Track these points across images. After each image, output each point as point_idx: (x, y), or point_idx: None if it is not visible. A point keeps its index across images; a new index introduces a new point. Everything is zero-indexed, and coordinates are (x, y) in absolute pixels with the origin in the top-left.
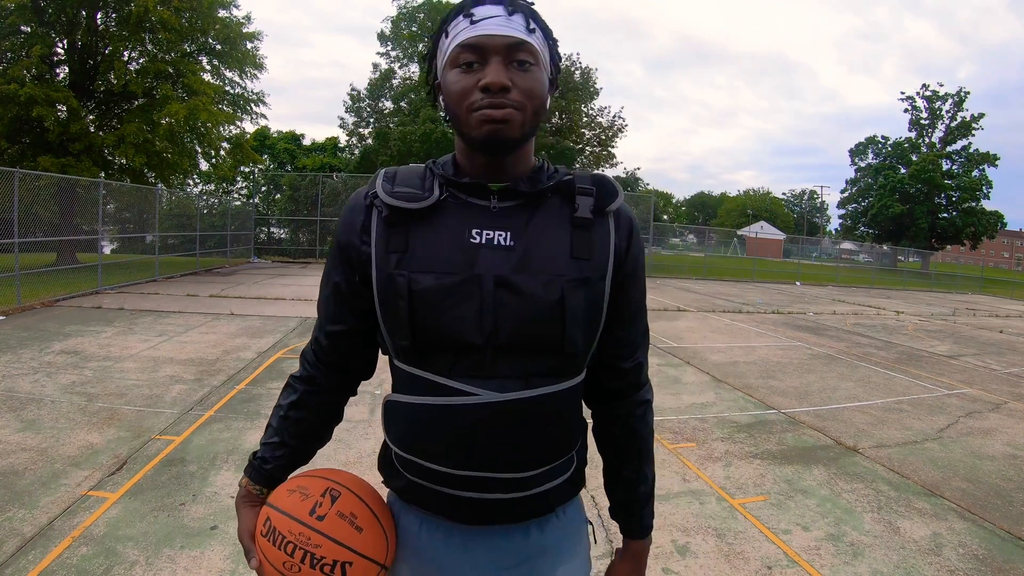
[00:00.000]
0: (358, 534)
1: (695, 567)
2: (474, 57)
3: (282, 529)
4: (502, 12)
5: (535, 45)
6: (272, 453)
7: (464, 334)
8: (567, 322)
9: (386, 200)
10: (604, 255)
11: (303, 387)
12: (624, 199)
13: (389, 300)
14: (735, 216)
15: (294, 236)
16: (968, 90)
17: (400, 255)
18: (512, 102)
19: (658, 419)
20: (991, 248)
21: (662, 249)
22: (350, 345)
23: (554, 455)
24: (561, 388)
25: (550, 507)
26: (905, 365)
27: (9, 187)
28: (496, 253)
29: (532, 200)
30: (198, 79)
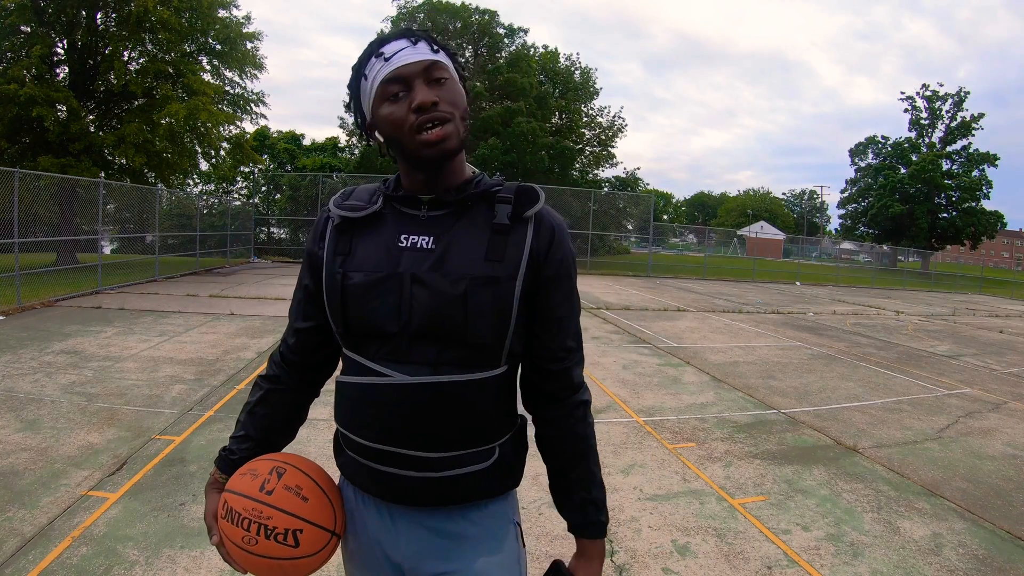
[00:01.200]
0: (304, 503)
1: (695, 567)
2: (399, 88)
3: (238, 508)
4: (407, 44)
5: (444, 62)
6: (238, 446)
7: (383, 323)
8: (469, 315)
9: (335, 211)
10: (517, 257)
11: (268, 385)
12: (544, 206)
13: (330, 294)
14: (735, 216)
15: (294, 236)
16: (968, 90)
17: (344, 257)
18: (443, 113)
19: (658, 419)
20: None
21: (662, 249)
22: (316, 341)
23: (463, 442)
24: (470, 378)
25: (467, 496)
26: (905, 365)
27: (9, 187)
28: (417, 254)
29: (458, 209)
30: (198, 79)
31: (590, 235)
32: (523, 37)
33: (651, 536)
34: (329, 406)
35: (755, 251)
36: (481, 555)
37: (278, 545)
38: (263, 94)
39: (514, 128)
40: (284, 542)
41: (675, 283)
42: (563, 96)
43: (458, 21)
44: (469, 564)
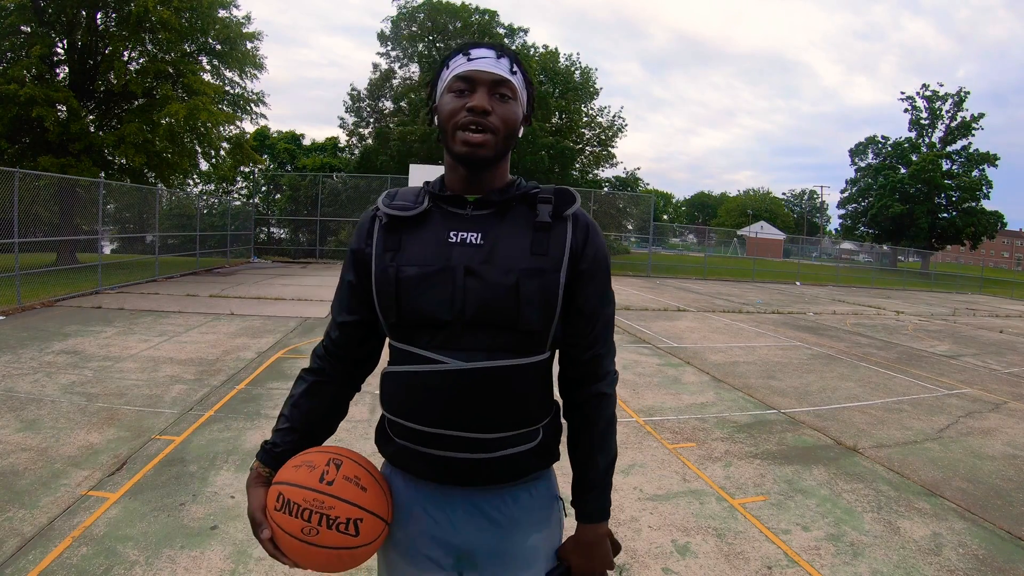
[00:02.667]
0: (364, 493)
1: (695, 567)
2: (465, 86)
3: (296, 499)
4: (492, 55)
5: (515, 84)
6: (283, 438)
7: (437, 313)
8: (521, 303)
9: (385, 211)
10: (559, 251)
11: (313, 378)
12: (580, 206)
13: (382, 287)
14: (735, 216)
15: (294, 236)
16: (968, 90)
17: (394, 253)
18: (489, 124)
19: (658, 419)
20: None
21: (662, 249)
22: (360, 335)
23: (513, 423)
24: (519, 363)
25: (517, 475)
26: (905, 365)
27: (9, 187)
28: (467, 249)
29: (501, 208)
30: (198, 79)
31: None
32: (523, 37)
33: (651, 536)
34: None
35: (755, 251)
36: (532, 533)
37: (339, 535)
38: (263, 94)
39: None
40: (345, 531)
41: (675, 283)
42: (563, 96)
43: (458, 21)
44: (522, 543)
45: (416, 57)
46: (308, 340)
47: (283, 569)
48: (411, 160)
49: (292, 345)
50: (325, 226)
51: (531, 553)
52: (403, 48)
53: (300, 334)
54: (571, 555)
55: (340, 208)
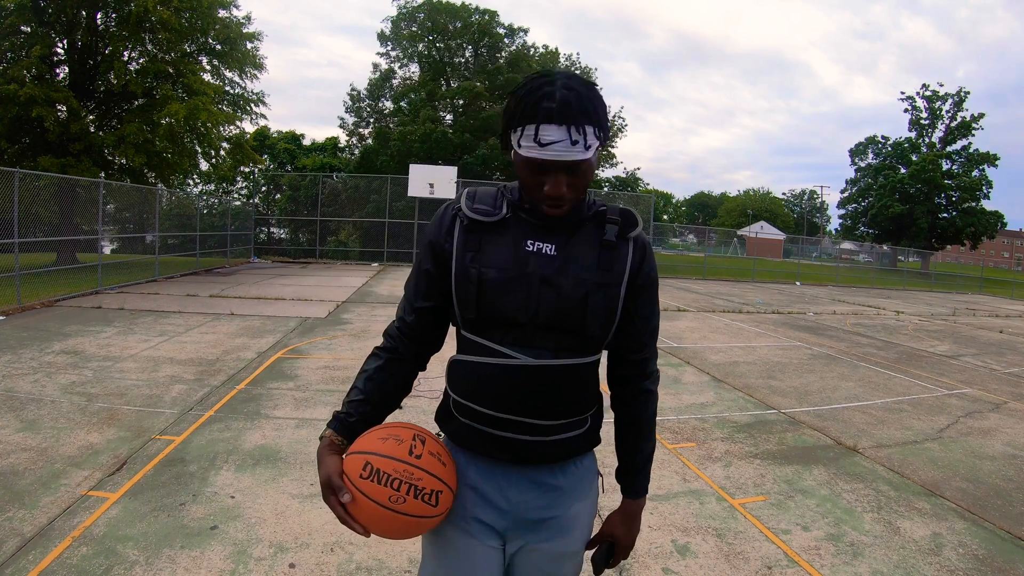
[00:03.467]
0: (444, 468)
1: (695, 567)
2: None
3: (387, 469)
4: (565, 137)
5: (590, 158)
6: (357, 409)
7: (514, 314)
8: (588, 313)
9: (468, 214)
10: (622, 269)
11: (387, 355)
12: (642, 229)
13: (463, 284)
14: (735, 216)
15: (294, 236)
16: (968, 90)
17: (474, 254)
18: (567, 199)
19: (658, 419)
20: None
21: (662, 249)
22: (432, 320)
23: (570, 412)
24: (579, 362)
25: (567, 456)
26: (905, 365)
27: (9, 187)
28: (543, 259)
29: (574, 224)
30: (198, 79)
31: None
32: (523, 37)
33: (651, 536)
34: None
35: (755, 251)
36: (576, 502)
37: (423, 504)
38: (263, 94)
39: None
40: (428, 501)
41: (675, 283)
42: None
43: (458, 21)
44: (567, 510)
45: (416, 57)
46: (308, 340)
47: (283, 569)
48: (411, 160)
49: (292, 345)
50: (325, 226)
51: (574, 520)
52: (403, 48)
53: (300, 334)
54: (616, 527)
55: (340, 208)
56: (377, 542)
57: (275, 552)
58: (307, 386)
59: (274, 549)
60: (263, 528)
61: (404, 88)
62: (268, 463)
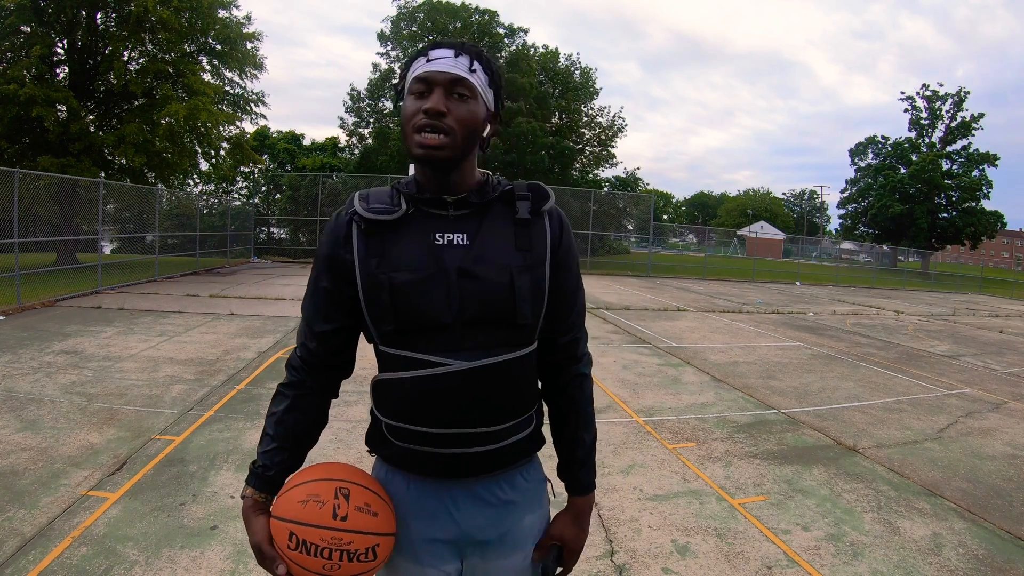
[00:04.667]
0: (375, 519)
1: (695, 567)
2: (423, 87)
3: (313, 540)
4: (450, 54)
5: (474, 83)
6: (272, 460)
7: (437, 316)
8: (517, 299)
9: (364, 215)
10: (542, 246)
11: (294, 392)
12: (555, 201)
13: (373, 295)
14: (735, 216)
15: (294, 236)
16: (968, 90)
17: (379, 259)
18: (445, 126)
19: (658, 419)
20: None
21: (662, 249)
22: (339, 342)
23: (517, 411)
24: (517, 355)
25: (515, 461)
26: (905, 365)
27: (9, 187)
28: (456, 251)
29: (481, 208)
30: (198, 79)
31: (590, 235)
32: (523, 37)
33: (651, 536)
34: None
35: (755, 251)
36: (527, 514)
37: (359, 563)
38: (263, 94)
39: (514, 128)
40: (365, 559)
41: (675, 283)
42: (563, 96)
43: (458, 21)
44: (519, 522)
45: None
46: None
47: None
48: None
49: (292, 345)
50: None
51: (527, 533)
52: (403, 48)
53: None
54: (565, 529)
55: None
56: None
57: None
58: None
59: None
60: None
61: None
62: None
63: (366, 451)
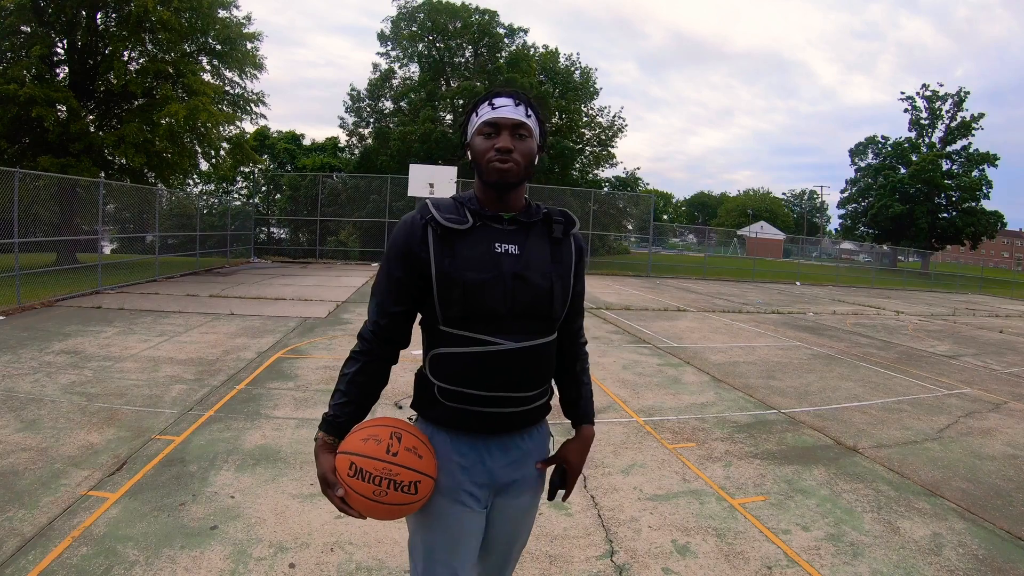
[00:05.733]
0: (420, 460)
1: (695, 567)
2: (491, 130)
3: (368, 468)
4: (511, 102)
5: (531, 125)
6: (343, 411)
7: (496, 307)
8: (554, 300)
9: (442, 222)
10: (569, 260)
11: (364, 358)
12: (578, 226)
13: (447, 288)
14: (735, 216)
15: (294, 236)
16: (968, 90)
17: (451, 259)
18: (513, 159)
19: (658, 419)
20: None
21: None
22: (404, 321)
23: (544, 382)
24: (547, 340)
25: (536, 420)
26: (905, 365)
27: (9, 187)
28: (511, 259)
29: (527, 226)
30: (198, 79)
31: (590, 235)
32: (523, 37)
33: (651, 536)
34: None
35: (755, 251)
36: (537, 460)
37: (403, 494)
38: (263, 94)
39: None
40: (408, 491)
41: (675, 283)
42: (563, 96)
43: (458, 21)
44: (530, 468)
45: (416, 57)
46: (308, 340)
47: (283, 569)
48: (411, 160)
49: (292, 345)
50: (325, 226)
51: (537, 477)
52: (403, 48)
53: (300, 334)
54: (572, 454)
55: (340, 208)
56: (376, 543)
57: (275, 552)
58: (307, 386)
59: (274, 549)
60: (263, 528)
61: (404, 88)
62: (268, 463)
63: (406, 418)
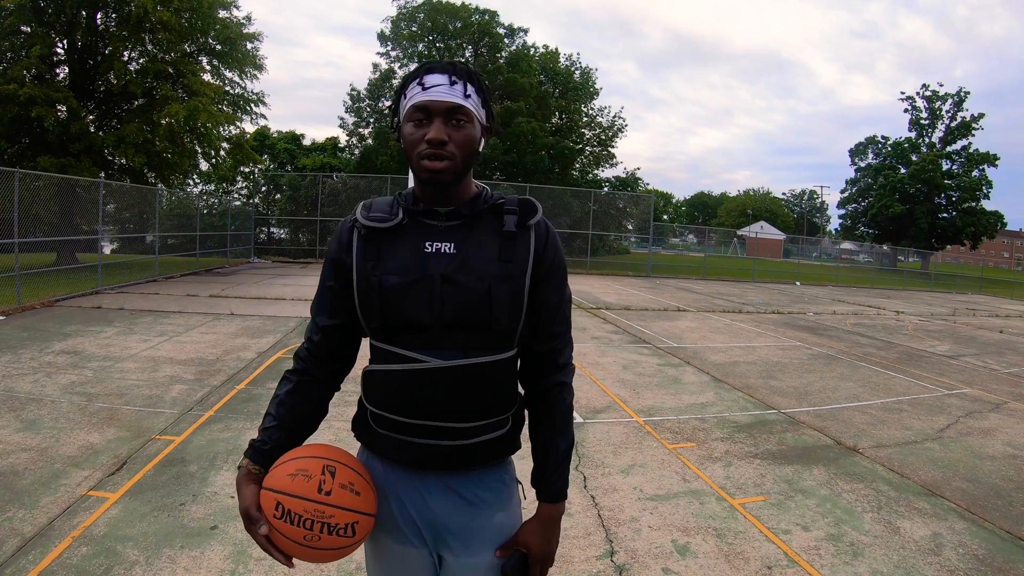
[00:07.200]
0: (357, 497)
1: (695, 567)
2: (422, 116)
3: (298, 510)
4: (445, 81)
5: (470, 107)
6: (269, 436)
7: (419, 317)
8: (493, 307)
9: (364, 223)
10: (525, 257)
11: (297, 377)
12: (543, 215)
13: (366, 295)
14: (735, 216)
15: (294, 236)
16: (968, 90)
17: (374, 262)
18: (447, 153)
19: (658, 419)
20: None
21: (662, 249)
22: (340, 337)
23: (488, 412)
24: (492, 359)
25: (485, 459)
26: (905, 365)
27: (9, 187)
28: (442, 259)
29: (471, 220)
30: (198, 79)
31: (590, 235)
32: (523, 37)
33: (651, 536)
34: None
35: (755, 251)
36: (497, 512)
37: (339, 538)
38: (263, 94)
39: (514, 128)
40: (344, 534)
41: (675, 283)
42: (563, 96)
43: (458, 21)
44: (489, 520)
45: (416, 57)
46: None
47: (283, 570)
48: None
49: (292, 345)
50: (325, 226)
51: (496, 530)
52: (403, 48)
53: (300, 334)
54: (531, 536)
55: (340, 208)
56: None
57: None
58: None
59: None
60: None
61: None
62: None
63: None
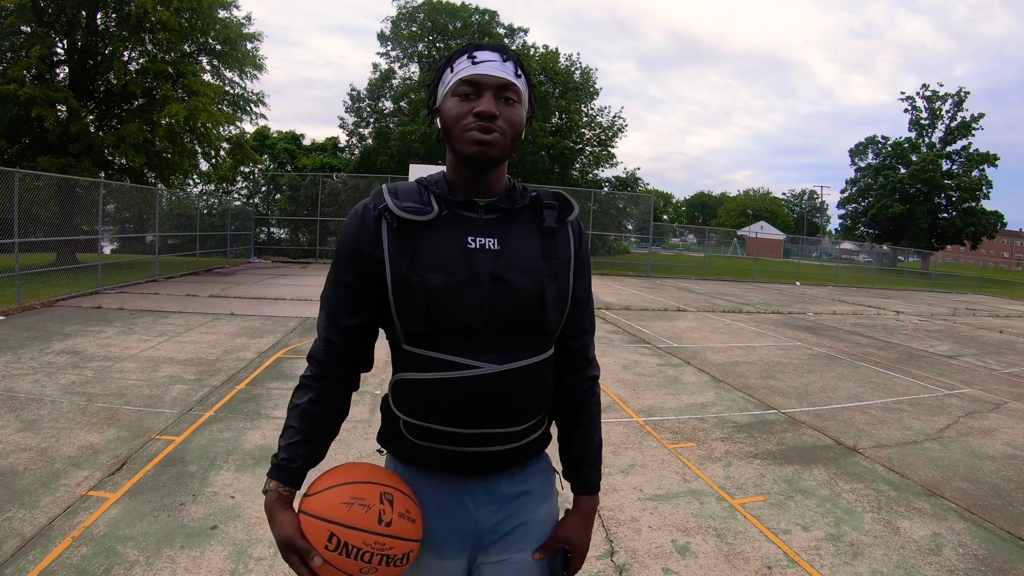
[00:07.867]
0: (413, 526)
1: (695, 567)
2: (471, 90)
3: (356, 543)
4: (498, 58)
5: (520, 87)
6: (297, 452)
7: (469, 320)
8: (546, 307)
9: (397, 213)
10: (566, 254)
11: (318, 384)
12: (577, 212)
13: (405, 296)
14: (735, 216)
15: (294, 236)
16: (968, 90)
17: (410, 259)
18: (497, 128)
19: (658, 419)
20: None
21: (662, 249)
22: (361, 337)
23: (537, 412)
24: (540, 359)
25: (527, 457)
26: (905, 365)
27: (9, 187)
28: (488, 256)
29: (509, 213)
30: (198, 79)
31: (590, 235)
32: (523, 37)
33: (651, 536)
34: None
35: (755, 251)
36: (542, 504)
37: (395, 568)
38: (263, 94)
39: None
40: (400, 564)
41: (675, 283)
42: (563, 96)
43: (458, 21)
44: (535, 513)
45: (416, 57)
46: (308, 340)
47: (283, 569)
48: (411, 160)
49: (292, 345)
50: (325, 226)
51: (542, 523)
52: (403, 48)
53: (300, 334)
54: (573, 531)
55: (340, 208)
56: None
57: (275, 552)
58: None
59: (274, 549)
60: (263, 528)
61: (404, 88)
62: (268, 463)
63: (375, 450)
